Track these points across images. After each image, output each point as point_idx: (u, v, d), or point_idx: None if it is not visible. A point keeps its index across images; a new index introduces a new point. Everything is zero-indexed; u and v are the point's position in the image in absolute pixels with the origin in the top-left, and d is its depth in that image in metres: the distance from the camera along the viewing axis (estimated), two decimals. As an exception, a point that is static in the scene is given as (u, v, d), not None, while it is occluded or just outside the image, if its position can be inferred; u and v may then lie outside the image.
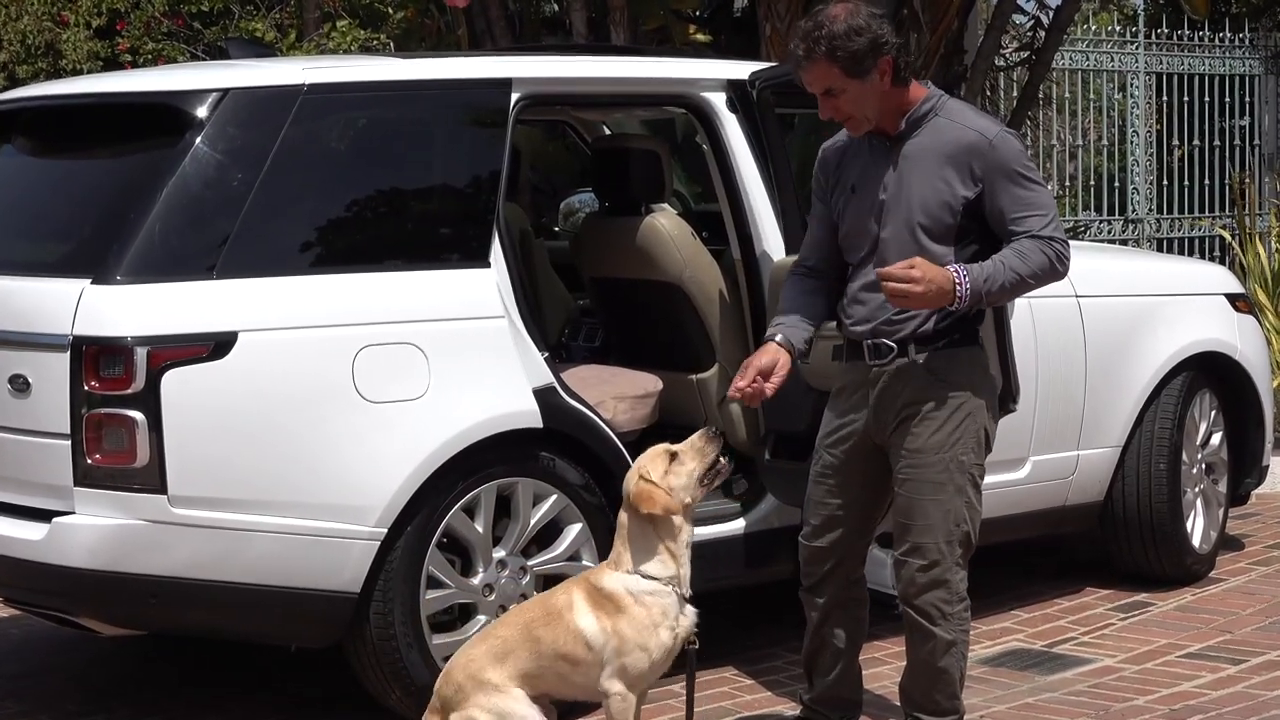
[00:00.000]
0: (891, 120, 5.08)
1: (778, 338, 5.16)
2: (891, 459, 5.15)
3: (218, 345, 5.27)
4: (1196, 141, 14.83)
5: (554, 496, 5.78)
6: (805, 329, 5.21)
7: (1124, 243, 14.23)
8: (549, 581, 5.80)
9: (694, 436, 5.06)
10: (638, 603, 4.92)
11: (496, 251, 5.79)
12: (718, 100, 6.35)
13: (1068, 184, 15.07)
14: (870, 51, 4.94)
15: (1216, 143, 14.93)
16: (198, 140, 5.45)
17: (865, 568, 5.42)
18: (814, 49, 4.98)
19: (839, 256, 5.29)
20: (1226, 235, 13.05)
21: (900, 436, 5.10)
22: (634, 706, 4.95)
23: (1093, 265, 7.45)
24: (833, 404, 5.33)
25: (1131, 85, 14.85)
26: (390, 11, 12.60)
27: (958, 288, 4.86)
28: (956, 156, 4.97)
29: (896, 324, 5.04)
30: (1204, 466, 7.62)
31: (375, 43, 11.96)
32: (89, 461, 5.20)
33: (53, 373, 5.26)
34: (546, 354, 5.84)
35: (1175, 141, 14.85)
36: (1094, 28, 14.97)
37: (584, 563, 5.83)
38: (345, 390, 5.42)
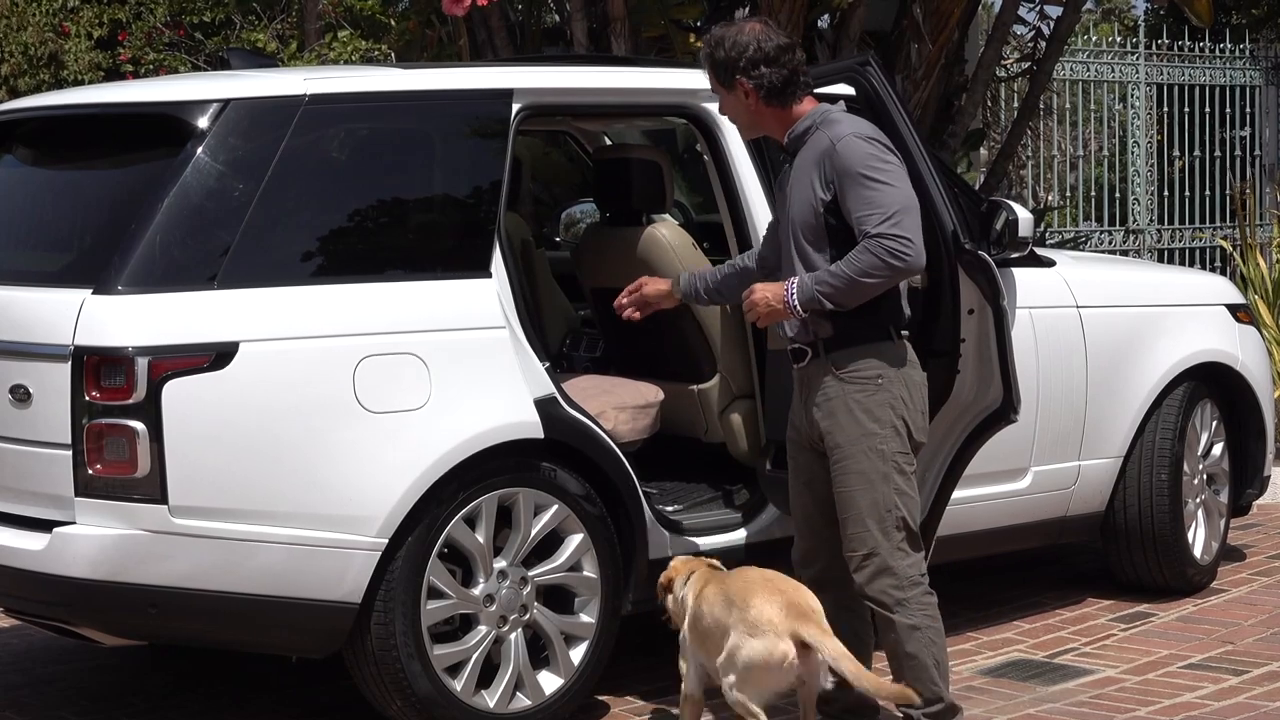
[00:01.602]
0: (779, 134, 5.43)
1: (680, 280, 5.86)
2: None
3: (219, 355, 5.27)
4: (1197, 152, 14.84)
5: (555, 507, 5.78)
6: (707, 280, 5.85)
7: (1125, 253, 14.23)
8: (550, 592, 5.81)
9: None
10: None
11: (498, 261, 5.79)
12: (718, 110, 6.35)
13: (1068, 194, 15.08)
14: (724, 67, 5.36)
15: (1217, 153, 14.94)
16: (199, 150, 5.45)
17: None
18: (701, 48, 5.49)
19: (774, 258, 5.67)
20: (1227, 246, 13.05)
21: (824, 435, 5.30)
22: None
23: (1093, 276, 7.45)
24: (791, 409, 5.56)
25: (1132, 96, 14.86)
26: (392, 22, 12.61)
27: (787, 299, 5.20)
28: (816, 163, 5.25)
29: (805, 330, 5.31)
30: (1205, 477, 7.62)
31: (376, 53, 11.98)
32: (90, 472, 5.20)
33: (54, 383, 5.25)
34: (547, 364, 5.84)
35: (1176, 152, 14.85)
36: (1095, 38, 14.98)
37: (585, 573, 5.83)
38: (346, 400, 5.42)
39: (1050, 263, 7.11)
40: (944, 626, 5.41)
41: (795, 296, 5.19)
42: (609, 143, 8.11)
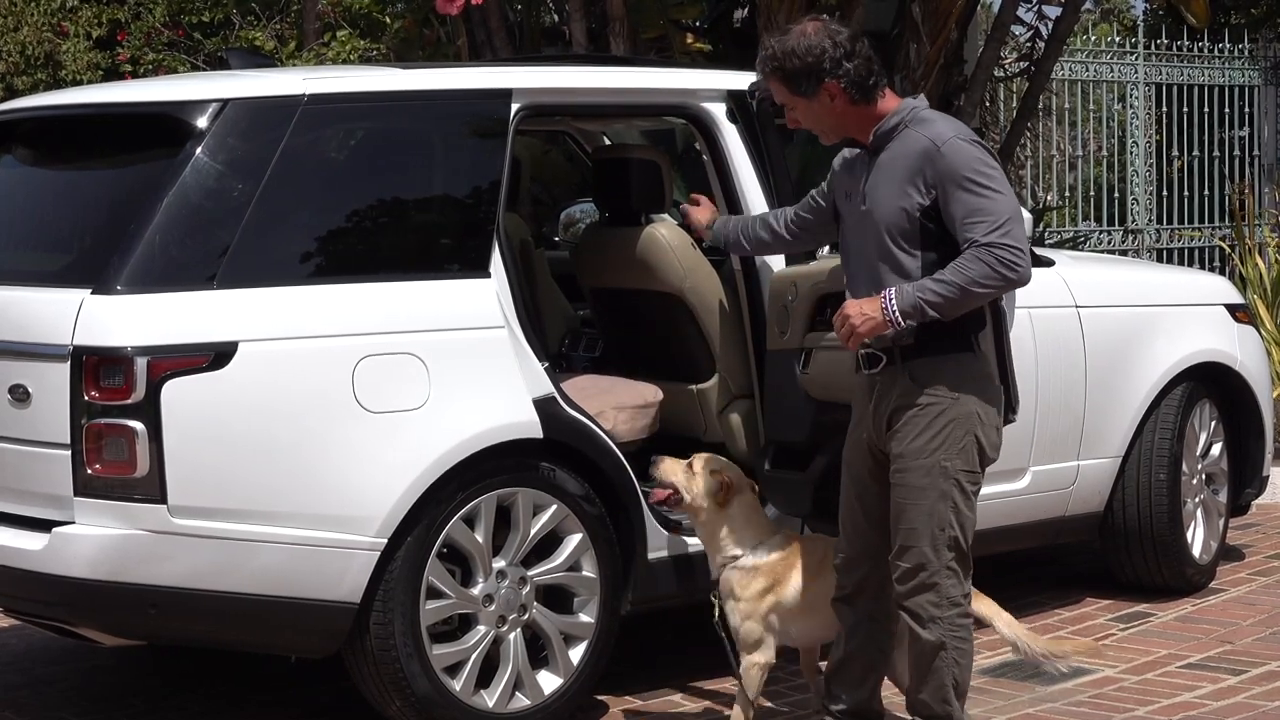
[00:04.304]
0: (863, 134, 5.17)
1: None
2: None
3: (218, 355, 5.27)
4: (1196, 152, 14.86)
5: (554, 506, 5.79)
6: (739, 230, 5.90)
7: (1124, 253, 14.25)
8: (549, 591, 5.81)
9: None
10: None
11: (497, 261, 5.80)
12: (718, 110, 6.37)
13: (1067, 194, 15.10)
14: (807, 75, 5.07)
15: (1216, 153, 14.96)
16: (198, 150, 5.45)
17: None
18: (764, 66, 5.18)
19: (803, 232, 5.71)
20: (1225, 247, 13.07)
21: (890, 443, 5.15)
22: None
23: (1092, 276, 7.46)
24: (852, 415, 5.39)
25: (1131, 96, 14.88)
26: (388, 20, 12.62)
27: (885, 310, 4.97)
28: (913, 165, 5.03)
29: (884, 335, 5.10)
30: (1204, 477, 7.63)
31: (375, 53, 11.99)
32: (89, 471, 5.20)
33: (53, 383, 5.26)
34: (546, 364, 5.85)
35: (1175, 152, 14.87)
36: (1094, 38, 14.99)
37: (584, 573, 5.84)
38: (345, 400, 5.42)
39: (1049, 262, 7.12)
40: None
41: (895, 305, 4.96)
42: (608, 143, 8.11)
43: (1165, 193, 14.92)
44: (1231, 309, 7.79)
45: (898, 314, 4.96)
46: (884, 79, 5.17)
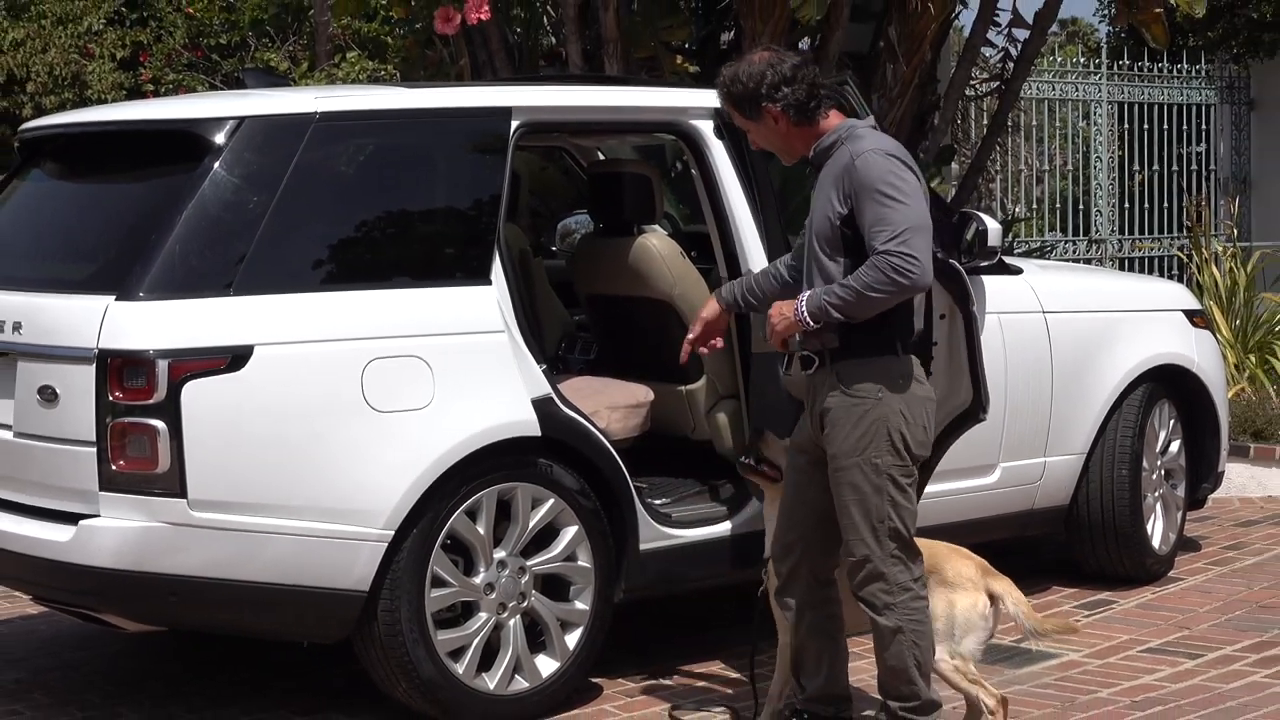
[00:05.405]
0: (809, 152, 5.27)
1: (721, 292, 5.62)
2: None
3: (235, 358, 5.28)
4: (1156, 167, 14.89)
5: (551, 500, 5.80)
6: (743, 286, 5.62)
7: (1088, 262, 14.27)
8: (547, 580, 5.82)
9: None
10: None
11: (497, 270, 5.81)
12: (706, 127, 6.37)
13: (1034, 206, 15.12)
14: (748, 99, 5.19)
15: (1175, 168, 15.00)
16: (216, 165, 5.46)
17: None
18: (717, 91, 5.34)
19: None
20: (1183, 256, 13.10)
21: (824, 443, 5.20)
22: None
23: (1058, 283, 7.48)
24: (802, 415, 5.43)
25: (1095, 114, 14.91)
26: (390, 40, 12.64)
27: (797, 310, 5.09)
28: (837, 177, 5.12)
29: (813, 339, 5.18)
30: (1163, 473, 7.63)
31: (383, 73, 12.00)
32: (113, 468, 5.21)
33: (79, 384, 5.27)
34: (544, 366, 5.86)
35: (1136, 167, 14.90)
36: (1060, 59, 15.02)
37: (580, 563, 5.85)
38: (355, 400, 5.43)
39: (1018, 270, 7.14)
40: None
41: (804, 307, 5.07)
42: (602, 158, 8.12)
43: (1126, 205, 14.95)
44: (1189, 314, 7.80)
45: (805, 315, 5.07)
46: (828, 102, 5.23)
